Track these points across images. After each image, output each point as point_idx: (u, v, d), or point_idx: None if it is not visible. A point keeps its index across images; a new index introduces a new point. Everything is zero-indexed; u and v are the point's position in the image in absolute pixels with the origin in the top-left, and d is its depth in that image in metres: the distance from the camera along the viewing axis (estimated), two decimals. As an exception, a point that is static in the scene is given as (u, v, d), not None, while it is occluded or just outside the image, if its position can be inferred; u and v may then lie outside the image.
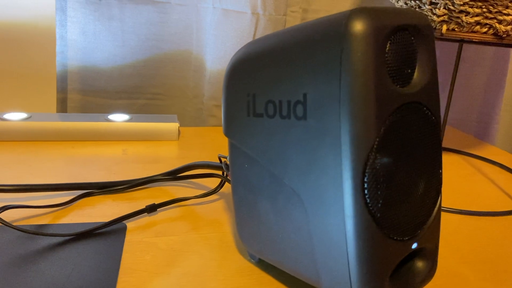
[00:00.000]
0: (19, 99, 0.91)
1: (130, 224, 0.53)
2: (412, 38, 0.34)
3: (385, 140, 0.32)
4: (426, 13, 0.62)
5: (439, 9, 0.59)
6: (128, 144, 0.80)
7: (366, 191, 0.32)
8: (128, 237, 0.50)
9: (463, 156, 0.87)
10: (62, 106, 0.96)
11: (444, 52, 1.08)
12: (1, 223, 0.47)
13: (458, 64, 0.78)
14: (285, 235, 0.39)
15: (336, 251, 0.34)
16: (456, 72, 0.79)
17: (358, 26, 0.31)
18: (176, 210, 0.57)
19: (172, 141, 0.83)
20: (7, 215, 0.51)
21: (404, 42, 0.33)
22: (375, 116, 0.31)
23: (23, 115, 0.81)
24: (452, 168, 0.81)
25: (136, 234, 0.51)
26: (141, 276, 0.43)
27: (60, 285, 0.41)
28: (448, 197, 0.68)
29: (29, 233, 0.47)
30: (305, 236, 0.37)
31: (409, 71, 0.34)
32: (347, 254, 0.33)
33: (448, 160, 0.85)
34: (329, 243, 0.34)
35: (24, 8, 0.87)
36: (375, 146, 0.31)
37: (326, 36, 0.32)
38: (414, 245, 0.36)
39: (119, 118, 0.82)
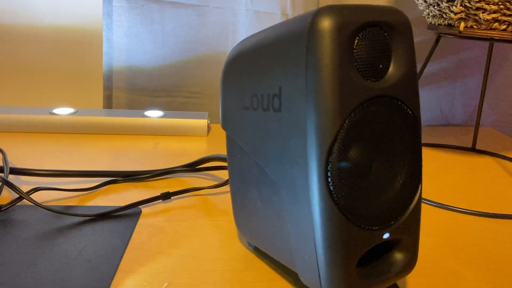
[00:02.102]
0: (70, 96, 1.00)
1: (145, 209, 0.58)
2: (386, 34, 0.35)
3: (351, 132, 0.34)
4: (444, 11, 0.62)
5: (455, 7, 0.59)
6: (160, 138, 0.86)
7: (330, 180, 0.33)
8: (141, 221, 0.54)
9: (496, 158, 0.83)
10: (108, 103, 1.04)
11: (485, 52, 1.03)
12: (31, 202, 0.53)
13: (489, 63, 0.76)
14: (269, 222, 0.41)
15: (306, 237, 0.36)
16: (488, 71, 0.77)
17: (323, 23, 0.32)
18: (190, 199, 0.61)
19: (202, 136, 0.88)
20: (39, 196, 0.57)
21: (376, 38, 0.35)
22: (338, 109, 0.33)
23: (70, 110, 0.89)
24: (481, 170, 0.79)
25: (148, 218, 0.55)
26: (144, 254, 0.47)
27: (72, 258, 0.46)
28: (468, 198, 0.66)
29: (54, 212, 0.53)
30: (282, 222, 0.39)
31: (383, 66, 0.35)
32: (315, 240, 0.35)
33: (480, 162, 0.82)
34: (300, 229, 0.36)
35: (75, 13, 0.96)
36: (338, 137, 0.33)
37: (296, 33, 0.34)
38: (386, 235, 0.36)
39: (154, 114, 0.88)
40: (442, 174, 0.77)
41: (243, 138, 0.43)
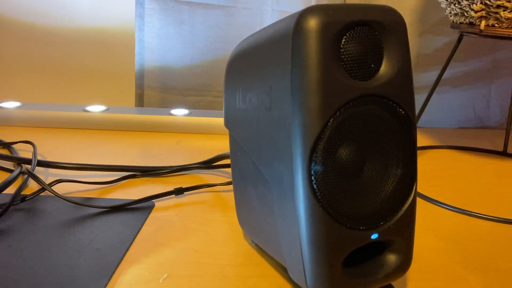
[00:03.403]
0: (104, 94, 1.05)
1: (159, 203, 0.60)
2: (377, 33, 0.35)
3: (338, 131, 0.34)
4: (465, 9, 0.60)
5: (475, 4, 0.57)
6: (185, 136, 0.89)
7: (313, 178, 0.34)
8: (153, 214, 0.57)
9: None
10: (140, 101, 1.08)
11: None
12: (52, 193, 0.57)
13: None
14: (264, 219, 0.42)
15: (293, 234, 0.36)
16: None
17: (307, 22, 0.33)
18: (203, 194, 0.63)
19: (225, 135, 0.89)
20: (62, 188, 0.61)
21: (365, 38, 0.35)
22: (322, 107, 0.33)
23: (102, 107, 0.93)
24: (509, 175, 0.75)
25: (160, 212, 0.57)
26: (150, 246, 0.49)
27: (83, 246, 0.49)
28: (490, 203, 0.64)
29: (73, 203, 0.57)
30: (274, 219, 0.39)
31: (373, 65, 0.35)
32: (300, 237, 0.35)
33: (509, 167, 0.79)
34: (287, 226, 0.37)
35: (109, 15, 1.00)
36: (322, 136, 0.33)
37: (283, 32, 0.35)
38: (374, 236, 0.36)
39: (179, 113, 0.91)
40: (466, 178, 0.74)
41: (241, 136, 0.44)
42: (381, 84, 0.35)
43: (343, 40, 0.34)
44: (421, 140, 0.94)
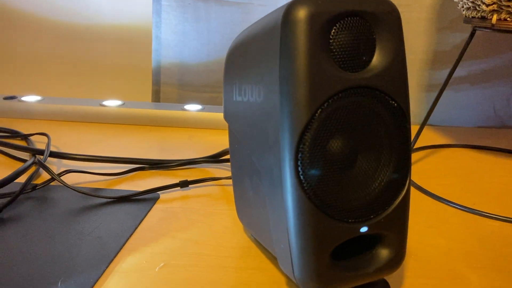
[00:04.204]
0: (121, 90, 1.07)
1: (164, 195, 0.61)
2: (369, 24, 0.35)
3: (327, 122, 0.34)
4: (477, 3, 0.58)
5: (487, -3, 0.55)
6: (197, 131, 0.89)
7: (300, 169, 0.34)
8: (157, 205, 0.58)
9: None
10: (156, 97, 1.09)
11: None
12: (61, 183, 0.58)
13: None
14: (258, 211, 0.42)
15: (281, 225, 0.36)
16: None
17: (295, 13, 0.33)
18: (208, 188, 0.64)
19: (237, 130, 0.90)
20: (72, 179, 0.63)
21: (356, 28, 0.34)
22: (308, 98, 0.33)
23: (118, 102, 0.95)
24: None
25: (164, 203, 0.58)
26: (151, 236, 0.50)
27: (86, 234, 0.50)
28: (502, 203, 0.62)
29: (80, 192, 0.58)
30: (266, 210, 0.39)
31: (365, 56, 0.35)
32: (287, 227, 0.35)
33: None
34: (277, 218, 0.37)
35: (127, 12, 1.02)
36: (310, 127, 0.33)
37: (273, 23, 0.35)
38: (364, 229, 0.36)
39: (192, 108, 0.92)
40: (479, 177, 0.72)
41: (238, 128, 0.44)
42: (372, 75, 0.35)
43: (333, 30, 0.33)
44: (436, 138, 0.92)
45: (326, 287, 0.36)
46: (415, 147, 0.81)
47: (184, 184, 0.62)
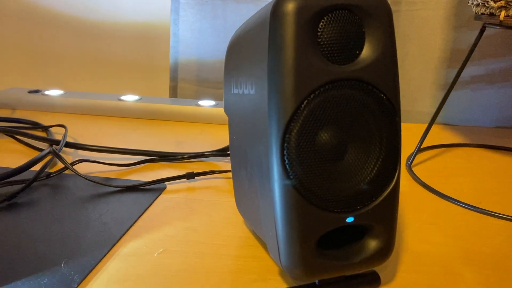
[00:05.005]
0: (140, 85, 1.10)
1: (170, 186, 0.63)
2: (358, 18, 0.35)
3: (312, 113, 0.34)
4: (485, -1, 0.57)
5: (495, -7, 0.55)
6: (210, 126, 0.91)
7: (286, 159, 0.34)
8: (163, 196, 0.60)
9: None
10: (173, 93, 1.12)
11: None
12: (73, 172, 0.61)
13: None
14: (251, 200, 0.43)
15: (270, 213, 0.37)
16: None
17: (283, 6, 0.34)
18: (214, 180, 0.65)
19: (249, 126, 0.91)
20: (86, 168, 0.66)
21: (344, 22, 0.35)
22: (294, 89, 0.34)
23: (135, 97, 0.98)
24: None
25: (170, 194, 0.60)
26: (153, 224, 0.52)
27: (92, 220, 0.52)
28: (509, 203, 0.61)
29: (91, 181, 0.61)
30: (258, 199, 0.41)
31: (354, 49, 0.35)
32: (274, 216, 0.36)
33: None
34: (266, 206, 0.38)
35: (146, 10, 1.05)
36: (295, 117, 0.34)
37: (264, 16, 0.36)
38: (350, 219, 0.36)
39: (206, 104, 0.94)
40: (490, 176, 0.71)
41: (234, 120, 0.45)
42: (360, 68, 0.35)
43: (321, 24, 0.34)
44: (451, 137, 0.90)
45: (311, 274, 0.37)
46: (426, 145, 0.80)
47: (190, 175, 0.63)
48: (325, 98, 0.35)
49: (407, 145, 0.77)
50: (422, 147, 0.76)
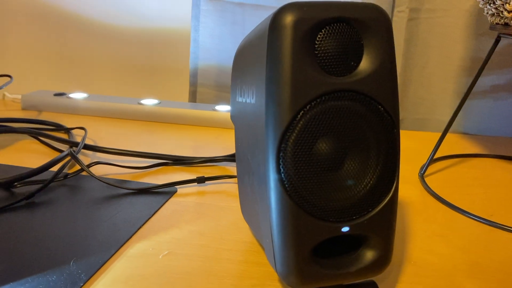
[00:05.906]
0: (160, 90, 1.13)
1: (181, 189, 0.64)
2: (356, 30, 0.36)
3: (308, 123, 0.35)
4: (499, 9, 0.57)
5: (509, 4, 0.54)
6: (225, 131, 0.93)
7: (281, 167, 0.35)
8: (173, 199, 0.61)
9: None
10: (193, 98, 1.14)
11: None
12: (89, 173, 0.63)
13: None
14: (252, 207, 0.44)
15: (267, 221, 0.38)
16: None
17: (281, 19, 0.35)
18: (225, 185, 0.66)
19: (264, 132, 0.92)
20: (101, 170, 0.68)
21: (342, 34, 0.35)
22: (290, 99, 0.34)
23: (155, 101, 1.01)
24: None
25: (180, 197, 0.62)
26: (161, 226, 0.54)
27: (103, 221, 0.54)
28: (523, 217, 0.60)
29: (105, 183, 0.63)
30: (258, 206, 0.41)
31: (352, 61, 0.36)
32: (270, 222, 0.37)
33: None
34: (264, 214, 0.39)
35: (167, 17, 1.08)
36: (291, 127, 0.35)
37: (264, 28, 0.37)
38: (345, 229, 0.37)
39: (222, 109, 0.95)
40: (505, 188, 0.69)
41: (239, 127, 0.46)
42: (358, 80, 0.36)
43: (319, 36, 0.35)
44: (468, 147, 0.89)
45: (306, 282, 0.37)
46: (441, 155, 0.79)
47: (200, 180, 0.65)
48: (322, 109, 0.35)
49: (423, 155, 0.76)
50: (437, 157, 0.75)
